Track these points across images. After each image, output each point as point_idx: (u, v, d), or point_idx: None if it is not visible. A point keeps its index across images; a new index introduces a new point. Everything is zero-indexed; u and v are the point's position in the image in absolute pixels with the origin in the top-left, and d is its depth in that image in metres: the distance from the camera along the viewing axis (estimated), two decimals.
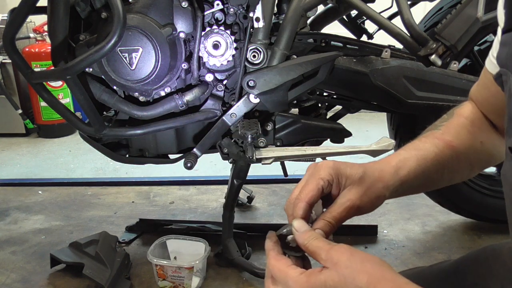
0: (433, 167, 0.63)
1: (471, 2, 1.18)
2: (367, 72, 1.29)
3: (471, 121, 0.68)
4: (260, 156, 1.21)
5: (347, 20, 1.61)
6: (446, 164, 0.64)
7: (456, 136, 0.66)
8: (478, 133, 0.67)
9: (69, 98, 2.94)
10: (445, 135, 0.66)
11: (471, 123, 0.68)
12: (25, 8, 1.10)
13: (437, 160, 0.64)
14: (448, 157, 0.64)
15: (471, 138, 0.67)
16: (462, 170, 0.68)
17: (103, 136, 1.26)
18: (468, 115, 0.69)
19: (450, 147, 0.65)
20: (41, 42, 2.81)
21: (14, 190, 2.12)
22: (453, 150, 0.65)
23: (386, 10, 1.45)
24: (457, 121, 0.68)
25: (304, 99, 1.41)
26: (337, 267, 0.48)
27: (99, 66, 1.19)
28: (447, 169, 0.65)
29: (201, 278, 1.40)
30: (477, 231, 1.71)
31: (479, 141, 0.67)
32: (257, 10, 1.19)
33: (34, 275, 1.49)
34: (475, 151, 0.67)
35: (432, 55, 1.20)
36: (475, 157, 0.68)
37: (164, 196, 2.05)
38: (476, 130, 0.67)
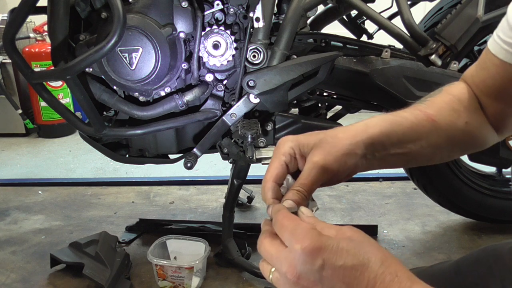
0: (409, 134, 0.61)
1: (471, 2, 1.18)
2: (367, 72, 1.28)
3: (459, 99, 0.67)
4: (260, 156, 1.21)
5: (347, 20, 1.61)
6: (424, 136, 0.62)
7: (439, 111, 0.64)
8: (464, 113, 0.66)
9: (69, 98, 2.94)
10: (427, 109, 0.64)
11: (458, 102, 0.66)
12: (25, 8, 1.10)
13: (413, 128, 0.62)
14: (427, 129, 0.62)
15: (455, 116, 0.65)
16: (442, 147, 0.65)
17: (103, 136, 1.26)
18: (456, 94, 0.68)
19: (430, 120, 0.63)
20: (41, 42, 2.81)
21: (14, 190, 2.12)
22: (432, 124, 0.63)
23: (386, 10, 1.45)
24: (443, 97, 0.67)
25: (304, 99, 1.41)
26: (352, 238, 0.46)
27: (99, 66, 1.19)
28: (425, 140, 0.62)
29: (201, 278, 1.40)
30: (477, 231, 1.71)
31: (464, 121, 0.65)
32: (257, 10, 1.19)
33: (34, 275, 1.48)
34: (457, 129, 0.65)
35: (432, 55, 1.20)
36: (457, 136, 0.65)
37: (164, 196, 2.05)
38: (462, 109, 0.66)
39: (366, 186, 2.09)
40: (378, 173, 2.18)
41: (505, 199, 1.64)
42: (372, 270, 0.44)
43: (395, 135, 0.61)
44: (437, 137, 0.63)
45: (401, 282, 0.44)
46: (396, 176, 2.13)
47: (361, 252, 0.45)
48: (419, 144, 0.62)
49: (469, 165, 1.68)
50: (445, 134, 0.64)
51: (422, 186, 1.68)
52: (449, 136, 0.64)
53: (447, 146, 0.65)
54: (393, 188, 2.07)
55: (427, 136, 0.63)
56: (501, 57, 0.62)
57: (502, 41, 0.61)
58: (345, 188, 2.07)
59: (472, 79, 0.69)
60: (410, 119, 0.63)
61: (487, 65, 0.65)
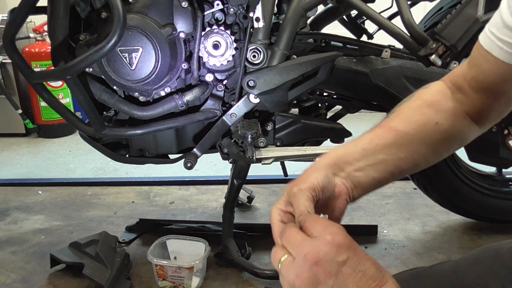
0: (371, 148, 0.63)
1: (471, 2, 1.18)
2: (367, 72, 1.29)
3: (429, 103, 0.68)
4: (260, 156, 1.21)
5: (347, 20, 1.61)
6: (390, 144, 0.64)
7: (404, 121, 0.65)
8: (434, 115, 0.66)
9: (69, 98, 2.94)
10: (390, 121, 0.66)
11: (428, 105, 0.67)
12: (25, 8, 1.10)
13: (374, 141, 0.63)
14: (392, 139, 0.64)
15: (424, 119, 0.66)
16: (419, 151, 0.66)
17: (103, 136, 1.26)
18: (427, 98, 0.69)
19: (393, 131, 0.64)
20: (41, 42, 2.81)
21: (14, 190, 2.12)
22: (396, 134, 0.64)
23: (386, 10, 1.45)
24: (410, 104, 0.68)
25: (304, 99, 1.41)
26: None
27: (99, 66, 1.19)
28: (394, 148, 0.64)
29: (201, 278, 1.40)
30: (477, 231, 1.71)
31: (434, 122, 0.66)
32: (257, 10, 1.19)
33: (34, 275, 1.48)
34: (428, 132, 0.66)
35: (432, 55, 1.20)
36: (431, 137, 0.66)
37: (164, 196, 2.05)
38: (431, 111, 0.67)
39: None
40: None
41: (505, 199, 1.64)
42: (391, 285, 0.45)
43: (354, 152, 0.63)
44: (407, 144, 0.64)
45: None
46: None
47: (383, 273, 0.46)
48: (389, 152, 0.63)
49: (469, 165, 1.68)
50: (416, 138, 0.65)
51: (422, 186, 1.68)
52: (421, 139, 0.65)
53: (424, 148, 0.66)
54: (393, 188, 2.07)
55: (395, 144, 0.64)
56: (495, 54, 0.62)
57: (497, 38, 0.61)
58: None
59: (463, 77, 0.69)
60: (368, 136, 0.65)
61: (480, 62, 0.65)
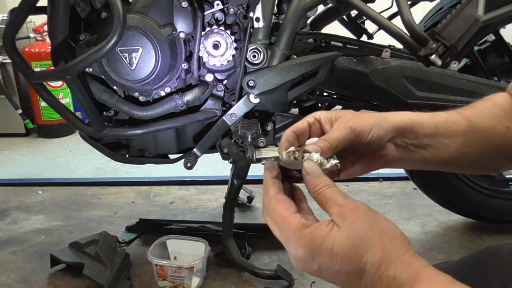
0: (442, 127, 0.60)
1: (471, 2, 1.18)
2: (367, 72, 1.28)
3: (500, 105, 0.65)
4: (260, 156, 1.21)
5: (347, 20, 1.61)
6: (460, 134, 0.61)
7: (477, 114, 0.63)
8: (505, 118, 0.63)
9: (69, 98, 2.94)
10: (464, 111, 0.63)
11: (499, 107, 0.64)
12: (25, 8, 1.10)
13: (447, 124, 0.61)
14: (463, 127, 0.61)
15: (495, 119, 0.63)
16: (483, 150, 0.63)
17: (103, 136, 1.26)
18: (498, 100, 0.66)
19: (466, 120, 0.61)
20: (41, 42, 2.81)
21: (14, 190, 2.12)
22: (469, 124, 0.61)
23: (386, 10, 1.45)
24: (483, 103, 0.66)
25: (304, 99, 1.41)
26: (349, 233, 0.43)
27: (99, 66, 1.19)
28: (462, 139, 0.61)
29: (201, 278, 1.40)
30: (477, 231, 1.71)
31: (505, 125, 0.63)
32: (257, 10, 1.19)
33: (34, 275, 1.48)
34: (498, 133, 0.63)
35: (432, 55, 1.20)
36: (498, 140, 0.63)
37: (164, 196, 2.05)
38: (503, 114, 0.64)
39: (366, 186, 2.09)
40: (378, 173, 2.18)
41: (505, 199, 1.64)
42: (369, 274, 0.43)
43: (427, 125, 0.60)
44: (475, 138, 0.62)
45: (400, 286, 0.42)
46: (396, 176, 2.13)
47: (358, 256, 0.43)
48: (455, 142, 0.61)
49: None
50: (485, 137, 0.62)
51: (422, 186, 1.68)
52: (489, 139, 0.62)
53: (488, 149, 0.63)
54: (393, 188, 2.07)
55: (464, 134, 0.61)
56: None
57: None
58: (345, 188, 2.07)
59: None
60: (443, 115, 0.62)
61: None
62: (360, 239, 0.43)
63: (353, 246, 0.43)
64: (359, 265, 0.43)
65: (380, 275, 0.43)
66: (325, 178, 0.48)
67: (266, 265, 1.50)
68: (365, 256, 0.43)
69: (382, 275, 0.43)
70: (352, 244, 0.43)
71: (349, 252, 0.43)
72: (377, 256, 0.43)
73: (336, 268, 0.44)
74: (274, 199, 0.49)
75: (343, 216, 0.45)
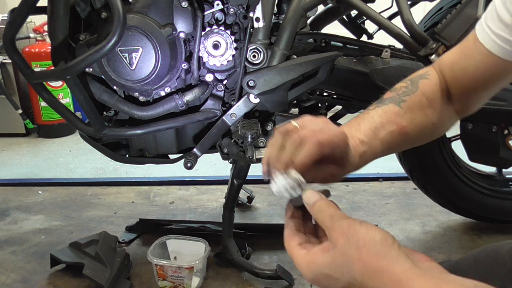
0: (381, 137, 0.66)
1: (471, 2, 1.18)
2: (367, 72, 1.28)
3: (430, 101, 0.69)
4: (260, 156, 1.21)
5: (347, 20, 1.61)
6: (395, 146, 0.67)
7: (411, 121, 0.67)
8: (431, 115, 0.69)
9: (69, 98, 2.94)
10: (402, 120, 0.67)
11: (429, 104, 0.69)
12: (25, 8, 1.10)
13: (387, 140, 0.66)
14: (399, 141, 0.67)
15: (425, 121, 0.69)
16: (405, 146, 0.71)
17: (103, 136, 1.26)
18: (429, 94, 0.70)
19: (403, 133, 0.67)
20: (41, 42, 2.81)
21: (14, 190, 2.12)
22: (404, 136, 0.67)
23: (386, 10, 1.45)
24: (418, 99, 0.69)
25: (304, 99, 1.41)
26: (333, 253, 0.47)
27: (99, 66, 1.19)
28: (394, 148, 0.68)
29: (201, 278, 1.40)
30: (477, 231, 1.71)
31: (431, 122, 0.69)
32: (257, 10, 1.19)
33: (34, 275, 1.48)
34: (426, 131, 0.69)
35: (432, 55, 1.20)
36: (421, 137, 0.70)
37: (164, 196, 2.05)
38: (431, 112, 0.69)
39: (366, 186, 2.09)
40: (378, 173, 2.18)
41: (505, 199, 1.64)
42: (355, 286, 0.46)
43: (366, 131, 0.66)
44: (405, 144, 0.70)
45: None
46: (396, 176, 2.13)
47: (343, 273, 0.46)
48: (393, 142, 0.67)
49: (469, 165, 1.68)
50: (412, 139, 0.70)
51: (422, 186, 1.68)
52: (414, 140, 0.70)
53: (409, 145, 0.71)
54: (393, 188, 2.07)
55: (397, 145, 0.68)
56: (488, 47, 0.63)
57: (491, 31, 0.62)
58: (345, 188, 2.07)
59: (451, 66, 0.70)
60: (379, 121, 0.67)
61: (473, 53, 0.66)
62: (342, 257, 0.46)
63: (337, 266, 0.46)
64: (348, 281, 0.46)
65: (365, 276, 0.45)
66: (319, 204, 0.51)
67: (266, 265, 1.50)
68: (349, 273, 0.45)
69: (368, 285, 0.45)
70: (337, 264, 0.46)
71: (335, 272, 0.46)
72: (358, 270, 0.45)
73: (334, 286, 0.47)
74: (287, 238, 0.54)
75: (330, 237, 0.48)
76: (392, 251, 0.45)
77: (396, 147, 0.68)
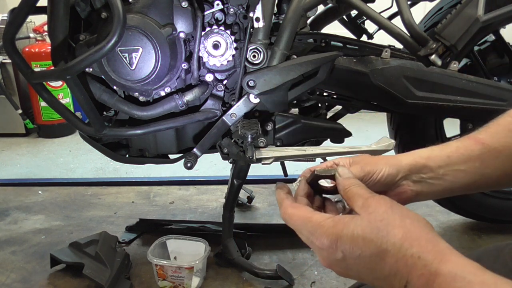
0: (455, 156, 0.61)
1: (471, 2, 1.18)
2: (367, 72, 1.28)
3: None
4: (260, 156, 1.21)
5: (347, 20, 1.61)
6: (475, 158, 0.61)
7: (491, 135, 0.63)
8: None
9: (69, 98, 2.94)
10: (477, 134, 0.63)
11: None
12: (25, 8, 1.10)
13: (460, 151, 0.61)
14: (477, 151, 0.61)
15: (511, 136, 0.62)
16: (503, 168, 0.62)
17: (103, 136, 1.26)
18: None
19: (480, 143, 0.62)
20: (41, 42, 2.81)
21: (14, 190, 2.12)
22: (483, 146, 0.61)
23: (386, 10, 1.45)
24: (501, 120, 0.65)
25: (304, 99, 1.41)
26: (371, 217, 0.45)
27: (99, 66, 1.19)
28: (478, 162, 0.61)
29: (201, 278, 1.40)
30: (477, 231, 1.71)
31: None
32: (257, 10, 1.19)
33: (34, 275, 1.48)
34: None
35: (432, 55, 1.20)
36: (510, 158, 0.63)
37: (164, 196, 2.05)
38: None
39: None
40: None
41: (505, 199, 1.64)
42: (392, 255, 0.43)
43: (438, 158, 0.61)
44: (492, 158, 0.62)
45: (426, 265, 0.42)
46: None
47: (379, 236, 0.44)
48: (472, 166, 0.61)
49: None
50: (502, 155, 0.62)
51: None
52: (507, 157, 0.62)
53: (508, 166, 0.63)
54: None
55: (479, 158, 0.61)
56: None
57: None
58: None
59: None
60: (455, 144, 0.63)
61: None
62: (381, 222, 0.44)
63: (374, 228, 0.44)
64: (381, 246, 0.44)
65: (403, 254, 0.43)
66: (355, 180, 0.51)
67: (266, 265, 1.50)
68: (387, 237, 0.44)
69: (406, 254, 0.43)
70: (373, 227, 0.44)
71: (371, 234, 0.44)
72: (399, 235, 0.43)
73: (358, 252, 0.45)
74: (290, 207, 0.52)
75: (366, 205, 0.47)
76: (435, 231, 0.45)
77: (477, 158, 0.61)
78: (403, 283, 0.43)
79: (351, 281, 0.62)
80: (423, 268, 0.42)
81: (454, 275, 0.40)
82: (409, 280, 0.42)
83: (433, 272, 0.41)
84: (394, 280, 0.43)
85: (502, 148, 0.62)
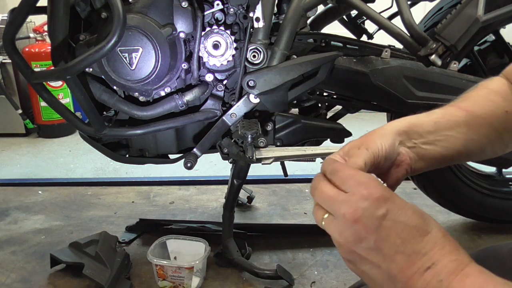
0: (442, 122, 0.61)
1: (471, 2, 1.18)
2: (367, 72, 1.28)
3: (495, 91, 0.65)
4: (260, 156, 1.21)
5: (347, 20, 1.61)
6: (462, 123, 0.61)
7: (473, 103, 0.63)
8: (502, 102, 0.64)
9: (69, 98, 2.94)
10: (459, 103, 0.64)
11: (495, 93, 0.65)
12: (25, 8, 1.10)
13: (446, 118, 0.62)
14: (463, 118, 0.62)
15: (493, 105, 0.63)
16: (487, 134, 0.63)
17: (103, 136, 1.26)
18: (493, 87, 0.66)
19: (464, 110, 0.62)
20: (41, 42, 2.81)
21: (14, 190, 2.12)
22: (468, 113, 0.62)
23: (386, 10, 1.45)
24: (477, 91, 0.66)
25: (304, 99, 1.41)
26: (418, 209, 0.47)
27: (99, 66, 1.19)
28: (465, 128, 0.61)
29: (201, 278, 1.40)
30: (477, 231, 1.71)
31: (504, 110, 0.63)
32: (257, 10, 1.19)
33: (34, 275, 1.48)
34: (498, 118, 0.63)
35: (432, 55, 1.20)
36: (500, 125, 0.63)
37: (164, 196, 2.05)
38: (499, 99, 0.64)
39: None
40: None
41: (505, 199, 1.64)
42: (433, 237, 0.45)
43: (426, 123, 0.61)
44: (477, 125, 0.62)
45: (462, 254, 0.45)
46: None
47: (426, 221, 0.46)
48: (460, 131, 0.61)
49: (469, 165, 1.68)
50: (486, 123, 0.62)
51: (422, 186, 1.68)
52: (491, 125, 0.63)
53: (493, 134, 0.64)
54: None
55: (466, 124, 0.62)
56: None
57: None
58: None
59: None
60: (439, 111, 0.63)
61: None
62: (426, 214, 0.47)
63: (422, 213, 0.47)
64: (427, 226, 0.45)
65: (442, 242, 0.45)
66: None
67: (266, 265, 1.50)
68: (432, 225, 0.46)
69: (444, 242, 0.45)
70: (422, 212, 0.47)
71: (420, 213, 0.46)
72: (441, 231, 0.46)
73: (404, 218, 0.45)
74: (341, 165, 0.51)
75: None
76: None
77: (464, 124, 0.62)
78: (427, 264, 0.44)
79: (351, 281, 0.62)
80: (458, 256, 0.44)
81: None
82: (437, 262, 0.44)
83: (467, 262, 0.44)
84: (420, 259, 0.44)
85: (485, 116, 0.63)
